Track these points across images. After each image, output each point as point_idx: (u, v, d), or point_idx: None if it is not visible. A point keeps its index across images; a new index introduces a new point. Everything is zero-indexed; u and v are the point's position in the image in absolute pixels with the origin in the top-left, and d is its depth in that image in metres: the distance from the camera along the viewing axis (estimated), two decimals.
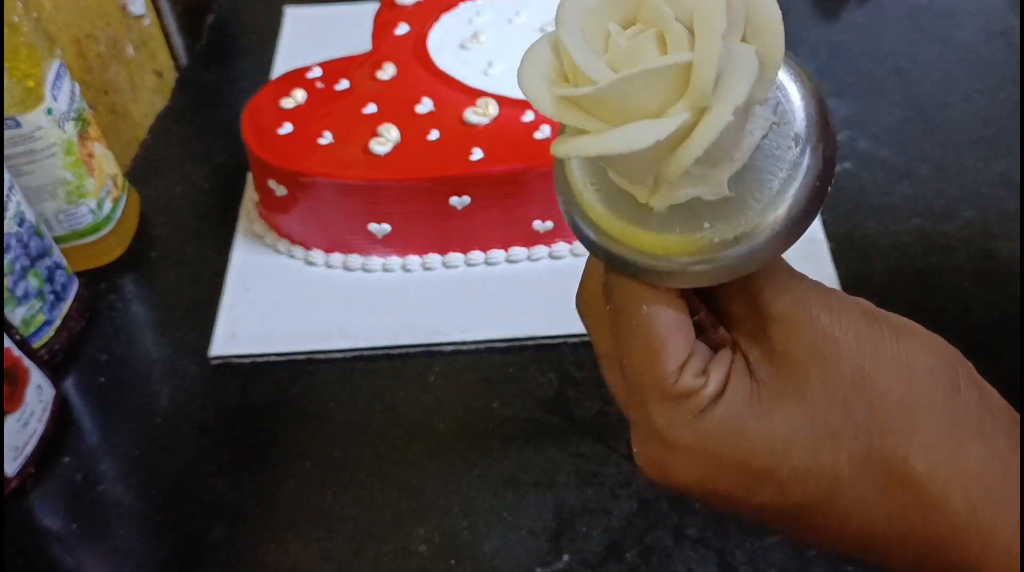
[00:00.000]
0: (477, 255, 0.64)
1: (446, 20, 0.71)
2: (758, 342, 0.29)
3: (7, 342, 0.51)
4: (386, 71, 0.66)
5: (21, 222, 0.56)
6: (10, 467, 0.53)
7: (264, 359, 0.60)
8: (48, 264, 0.58)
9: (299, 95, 0.65)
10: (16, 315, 0.56)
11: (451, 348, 0.60)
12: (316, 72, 0.67)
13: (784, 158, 0.27)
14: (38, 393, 0.54)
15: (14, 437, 0.52)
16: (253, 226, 0.67)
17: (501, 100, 0.63)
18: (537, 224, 0.62)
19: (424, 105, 0.63)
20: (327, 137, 0.62)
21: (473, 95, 0.64)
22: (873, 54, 0.78)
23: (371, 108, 0.63)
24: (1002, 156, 0.69)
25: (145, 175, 0.73)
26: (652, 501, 0.52)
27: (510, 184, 0.60)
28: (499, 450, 0.55)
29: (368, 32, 0.71)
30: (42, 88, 0.57)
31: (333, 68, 0.67)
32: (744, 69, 0.25)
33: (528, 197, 0.61)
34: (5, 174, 0.54)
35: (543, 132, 0.61)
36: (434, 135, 0.61)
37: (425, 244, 0.63)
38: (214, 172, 0.72)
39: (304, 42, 0.82)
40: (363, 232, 0.63)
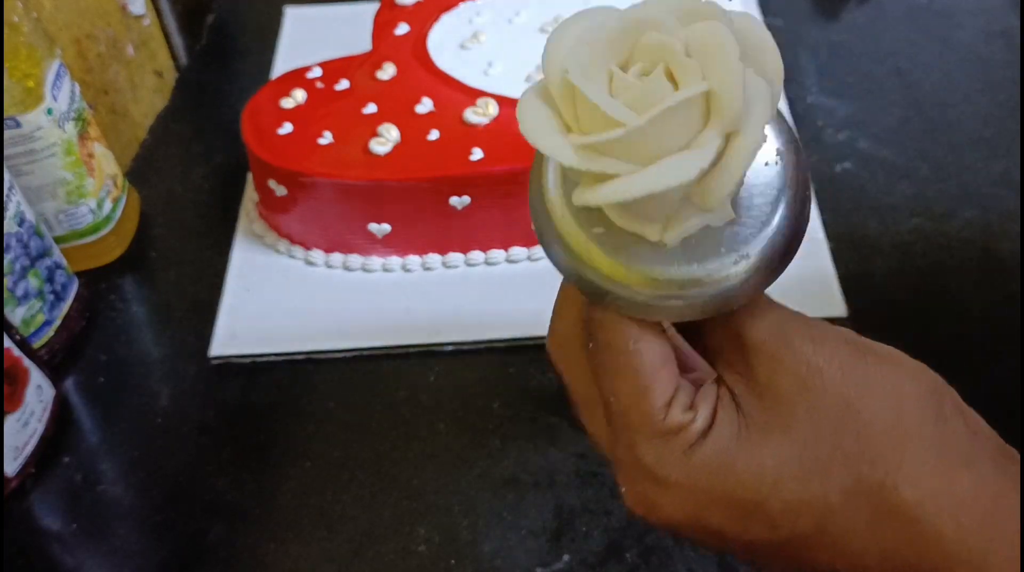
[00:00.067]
0: (477, 255, 0.64)
1: (446, 20, 0.71)
2: (742, 375, 0.29)
3: (7, 342, 0.51)
4: (386, 71, 0.66)
5: (21, 222, 0.56)
6: (10, 467, 0.53)
7: (264, 359, 0.60)
8: (48, 264, 0.58)
9: (299, 95, 0.65)
10: (16, 315, 0.56)
11: (451, 348, 0.60)
12: (316, 72, 0.67)
13: (772, 183, 0.27)
14: (38, 393, 0.54)
15: (14, 437, 0.52)
16: (253, 226, 0.67)
17: (501, 100, 0.63)
18: None
19: (424, 105, 0.63)
20: (327, 137, 0.62)
21: (473, 95, 0.64)
22: (873, 54, 0.78)
23: (371, 108, 0.63)
24: (1002, 156, 0.69)
25: (145, 175, 0.73)
26: None
27: (510, 184, 0.60)
28: (499, 450, 0.55)
29: (368, 32, 0.71)
30: (42, 88, 0.57)
31: (333, 68, 0.67)
32: (757, 90, 0.25)
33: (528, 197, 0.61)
34: (5, 174, 0.54)
35: None
36: (434, 135, 0.61)
37: (425, 244, 0.63)
38: (214, 172, 0.72)
39: (304, 42, 0.82)
40: (363, 232, 0.63)
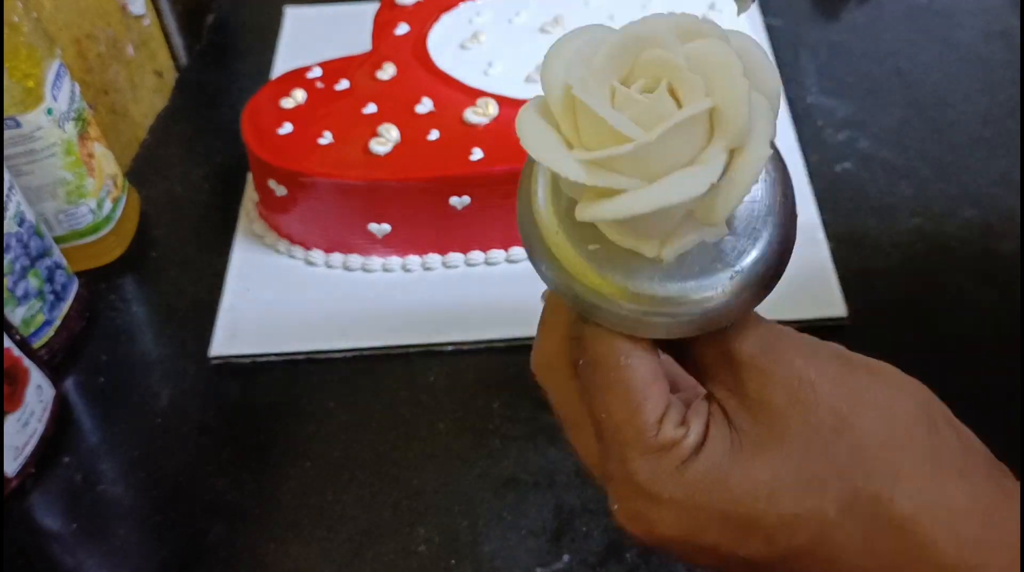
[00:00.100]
0: (477, 255, 0.64)
1: (446, 20, 0.71)
2: (733, 391, 0.29)
3: (7, 342, 0.51)
4: (386, 71, 0.66)
5: (21, 222, 0.56)
6: (10, 467, 0.53)
7: (264, 359, 0.60)
8: (48, 264, 0.58)
9: (299, 95, 0.65)
10: (16, 315, 0.56)
11: (451, 348, 0.60)
12: (316, 72, 0.67)
13: (762, 199, 0.28)
14: (38, 393, 0.54)
15: (14, 437, 0.52)
16: (253, 226, 0.67)
17: (501, 100, 0.63)
18: None
19: (424, 105, 0.63)
20: (327, 137, 0.62)
21: (473, 95, 0.64)
22: (873, 54, 0.78)
23: (371, 108, 0.63)
24: (1002, 156, 0.69)
25: (145, 175, 0.73)
26: None
27: (510, 184, 0.60)
28: (499, 450, 0.55)
29: (368, 32, 0.71)
30: (42, 88, 0.57)
31: (333, 68, 0.67)
32: (760, 106, 0.25)
33: None
34: (5, 174, 0.54)
35: None
36: (434, 135, 0.61)
37: (425, 244, 0.63)
38: (214, 172, 0.72)
39: (304, 42, 0.82)
40: (363, 232, 0.63)
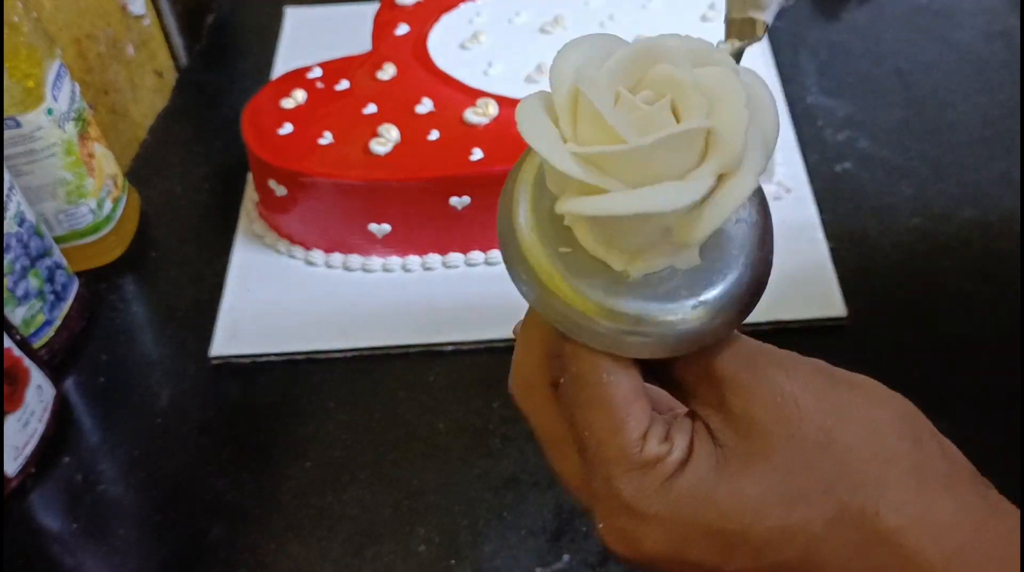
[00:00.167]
0: (477, 255, 0.64)
1: (446, 20, 0.71)
2: (716, 408, 0.29)
3: (7, 342, 0.51)
4: (386, 71, 0.66)
5: (21, 222, 0.56)
6: (10, 467, 0.53)
7: (264, 359, 0.60)
8: (48, 264, 0.58)
9: (299, 95, 0.65)
10: (16, 315, 0.56)
11: (451, 348, 0.60)
12: (316, 72, 0.67)
13: (740, 236, 0.28)
14: (38, 393, 0.54)
15: (14, 437, 0.52)
16: (253, 226, 0.67)
17: (501, 100, 0.63)
18: None
19: (424, 105, 0.63)
20: (327, 137, 0.62)
21: (473, 95, 0.64)
22: (873, 54, 0.78)
23: (371, 108, 0.63)
24: (1002, 156, 0.68)
25: (145, 175, 0.73)
26: None
27: None
28: (499, 450, 0.55)
29: (368, 32, 0.71)
30: (42, 88, 0.57)
31: (333, 68, 0.67)
32: (756, 139, 0.25)
33: None
34: (5, 174, 0.54)
35: None
36: (434, 135, 0.61)
37: (425, 244, 0.63)
38: (214, 172, 0.72)
39: (304, 42, 0.82)
40: (363, 232, 0.63)
